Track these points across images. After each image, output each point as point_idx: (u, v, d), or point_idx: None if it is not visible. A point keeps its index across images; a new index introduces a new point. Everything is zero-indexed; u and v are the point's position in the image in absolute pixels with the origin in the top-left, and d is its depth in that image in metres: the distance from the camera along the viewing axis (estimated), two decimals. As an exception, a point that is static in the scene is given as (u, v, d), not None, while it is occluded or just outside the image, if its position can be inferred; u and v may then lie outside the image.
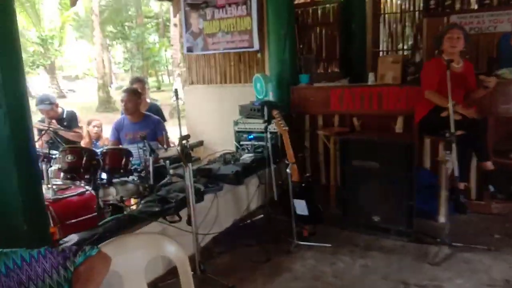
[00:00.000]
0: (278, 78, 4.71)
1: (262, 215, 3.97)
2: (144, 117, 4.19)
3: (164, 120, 5.09)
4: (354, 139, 3.72)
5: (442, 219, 3.66)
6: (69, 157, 3.02)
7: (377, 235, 3.50)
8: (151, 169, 3.30)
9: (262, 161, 3.93)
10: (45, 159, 3.43)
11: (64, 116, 4.60)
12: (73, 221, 3.30)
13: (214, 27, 5.35)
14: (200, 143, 5.42)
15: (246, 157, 3.83)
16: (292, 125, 4.55)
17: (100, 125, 5.52)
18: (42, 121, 4.47)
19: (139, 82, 4.96)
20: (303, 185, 3.36)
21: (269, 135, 3.88)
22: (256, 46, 5.12)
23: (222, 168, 3.60)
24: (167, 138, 4.08)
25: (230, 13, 5.20)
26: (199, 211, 3.27)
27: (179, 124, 2.84)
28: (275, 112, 3.29)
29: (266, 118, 3.84)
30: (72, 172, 3.04)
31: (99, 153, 3.21)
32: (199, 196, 3.21)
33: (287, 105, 4.61)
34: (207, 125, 5.51)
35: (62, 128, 4.40)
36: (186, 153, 2.81)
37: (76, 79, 32.86)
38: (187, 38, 5.57)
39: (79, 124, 4.71)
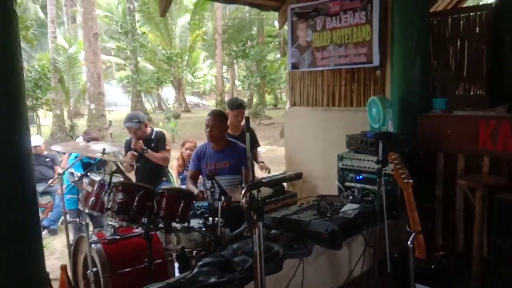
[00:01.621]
0: (402, 102, 3.61)
1: (368, 289, 2.91)
2: (228, 145, 3.50)
3: (257, 145, 4.39)
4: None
5: None
6: (120, 196, 2.44)
7: None
8: (218, 216, 2.55)
9: (372, 214, 2.89)
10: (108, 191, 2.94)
11: (153, 136, 4.20)
12: (126, 270, 2.73)
13: (325, 39, 4.47)
14: (298, 176, 4.51)
15: (349, 209, 2.82)
16: (418, 165, 3.42)
17: (193, 147, 5.09)
18: (129, 140, 4.13)
19: (241, 109, 4.13)
20: (432, 266, 2.23)
21: (383, 181, 2.85)
22: (376, 61, 4.08)
23: (313, 222, 2.66)
24: (253, 172, 3.31)
25: (345, 21, 4.27)
26: (276, 282, 2.40)
27: (250, 166, 2.03)
28: (393, 156, 2.27)
29: (380, 157, 2.80)
30: (122, 214, 2.45)
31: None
32: (276, 264, 2.33)
33: (413, 138, 3.47)
34: (308, 155, 4.61)
35: (147, 149, 3.99)
36: (255, 208, 1.97)
37: (203, 94, 35.20)
38: (293, 53, 4.80)
39: (167, 147, 4.26)
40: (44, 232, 5.24)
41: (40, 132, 12.93)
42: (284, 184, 4.55)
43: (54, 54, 14.28)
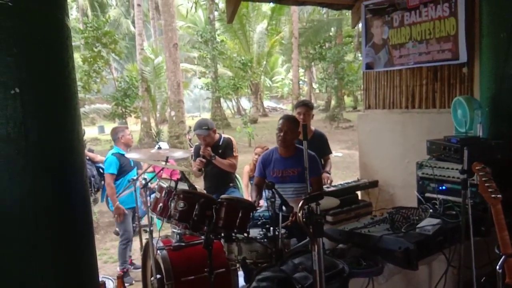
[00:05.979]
0: (493, 103, 3.17)
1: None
2: (296, 151, 3.36)
3: (328, 152, 4.18)
4: None
5: None
6: (181, 204, 2.43)
7: None
8: (279, 227, 2.43)
9: (456, 231, 2.55)
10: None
11: (220, 143, 4.22)
12: (190, 278, 2.72)
13: (403, 36, 4.11)
14: (374, 184, 4.23)
15: (428, 224, 2.50)
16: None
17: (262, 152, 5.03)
18: (198, 146, 4.20)
19: (304, 107, 4.02)
20: (529, 298, 1.87)
21: (470, 193, 2.50)
22: (463, 57, 3.64)
23: (385, 238, 2.40)
24: (320, 182, 3.14)
25: (426, 15, 3.88)
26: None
27: (306, 175, 1.87)
28: (478, 167, 1.95)
29: (465, 166, 2.45)
30: (184, 222, 2.44)
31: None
32: (341, 283, 2.14)
33: (507, 144, 3.02)
34: (384, 162, 4.27)
35: (215, 155, 4.02)
36: (314, 222, 1.81)
37: (281, 99, 35.44)
38: (367, 52, 4.49)
39: (235, 153, 4.24)
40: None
41: (129, 138, 13.90)
42: (358, 192, 4.29)
43: (141, 65, 15.35)
